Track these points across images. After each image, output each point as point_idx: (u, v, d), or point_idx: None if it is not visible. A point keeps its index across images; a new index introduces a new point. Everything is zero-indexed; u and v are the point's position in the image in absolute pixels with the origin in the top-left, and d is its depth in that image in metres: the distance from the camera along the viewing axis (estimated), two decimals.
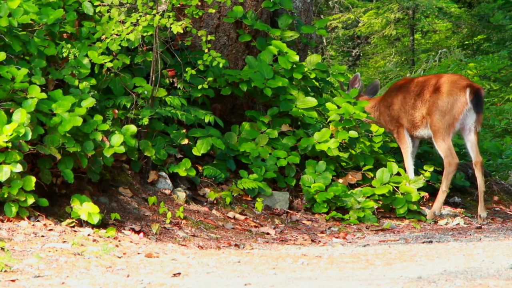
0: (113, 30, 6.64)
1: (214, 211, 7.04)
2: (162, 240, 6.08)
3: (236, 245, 6.19)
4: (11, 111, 5.76)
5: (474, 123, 7.59)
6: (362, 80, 8.41)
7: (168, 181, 7.10)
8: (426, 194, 7.95)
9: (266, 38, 8.07)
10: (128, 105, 7.00)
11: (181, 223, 6.58)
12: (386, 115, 8.08)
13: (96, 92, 6.86)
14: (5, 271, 4.44)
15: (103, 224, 6.02)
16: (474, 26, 16.10)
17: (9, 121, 5.65)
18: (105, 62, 6.82)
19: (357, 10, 17.80)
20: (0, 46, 6.16)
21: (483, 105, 7.91)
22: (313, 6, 9.00)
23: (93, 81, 6.73)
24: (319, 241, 6.56)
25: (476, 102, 7.52)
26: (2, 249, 4.98)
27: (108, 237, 5.71)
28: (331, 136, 7.71)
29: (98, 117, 6.23)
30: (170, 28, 6.64)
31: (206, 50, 6.90)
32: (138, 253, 5.36)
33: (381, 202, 7.54)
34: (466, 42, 16.70)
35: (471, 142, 7.62)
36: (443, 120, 7.56)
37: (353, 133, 7.66)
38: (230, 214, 7.09)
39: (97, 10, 6.78)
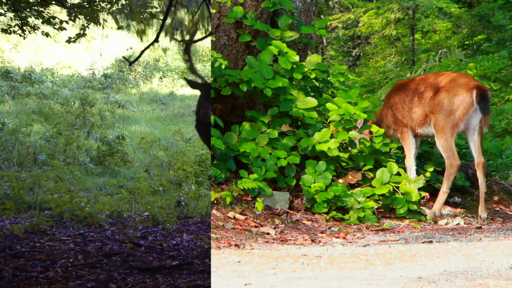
0: None
1: (214, 211, 7.04)
2: None
3: (236, 245, 6.19)
4: None
5: (480, 123, 7.54)
6: (362, 80, 8.39)
7: None
8: (427, 194, 7.94)
9: (266, 38, 8.07)
10: None
11: None
12: (389, 116, 8.05)
13: None
14: None
15: None
16: (474, 26, 16.10)
17: None
18: None
19: (357, 10, 17.81)
20: None
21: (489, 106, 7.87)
22: (313, 6, 8.99)
23: None
24: (319, 241, 6.56)
25: (483, 104, 7.49)
26: None
27: None
28: (331, 136, 7.71)
29: None
30: None
31: None
32: None
33: (381, 202, 7.54)
34: (466, 42, 16.70)
35: (474, 142, 7.59)
36: (447, 120, 7.53)
37: (353, 134, 7.66)
38: (230, 214, 7.08)
39: None
